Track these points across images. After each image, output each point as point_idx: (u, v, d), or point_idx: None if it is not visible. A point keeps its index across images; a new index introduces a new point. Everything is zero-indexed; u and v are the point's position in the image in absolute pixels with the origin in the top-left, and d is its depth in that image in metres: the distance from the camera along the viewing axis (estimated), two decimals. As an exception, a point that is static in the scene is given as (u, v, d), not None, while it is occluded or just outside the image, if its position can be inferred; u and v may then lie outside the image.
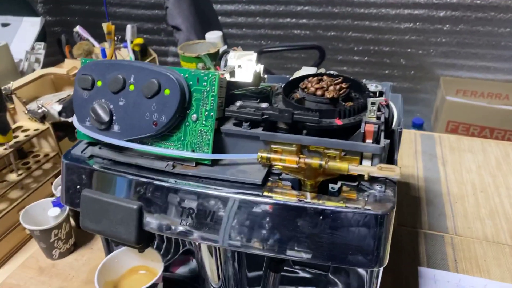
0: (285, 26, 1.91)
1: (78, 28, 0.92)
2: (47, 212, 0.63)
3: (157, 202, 0.42)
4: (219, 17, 1.62)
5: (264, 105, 0.43)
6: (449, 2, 1.63)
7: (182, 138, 0.42)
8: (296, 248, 0.39)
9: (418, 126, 1.77)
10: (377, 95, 0.46)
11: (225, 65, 0.45)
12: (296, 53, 1.95)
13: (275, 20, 1.90)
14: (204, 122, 0.42)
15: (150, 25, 2.10)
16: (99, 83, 0.44)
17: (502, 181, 0.79)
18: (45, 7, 2.22)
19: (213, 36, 0.75)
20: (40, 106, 0.73)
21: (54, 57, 1.24)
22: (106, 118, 0.43)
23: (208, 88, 0.41)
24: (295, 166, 0.39)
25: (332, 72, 0.46)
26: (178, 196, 0.41)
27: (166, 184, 0.41)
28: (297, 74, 0.53)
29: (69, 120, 0.74)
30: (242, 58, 0.44)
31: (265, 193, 0.39)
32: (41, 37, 1.07)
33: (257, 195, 0.39)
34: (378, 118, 0.40)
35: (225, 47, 0.68)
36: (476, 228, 0.68)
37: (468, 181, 0.79)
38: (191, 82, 0.42)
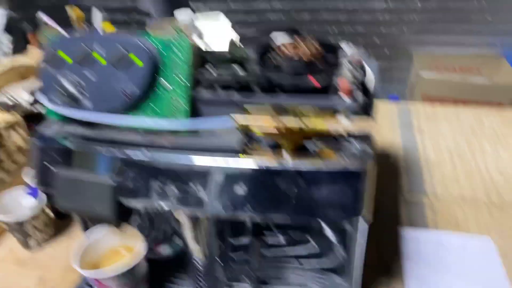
0: (259, 11, 1.89)
1: (41, 15, 0.88)
2: (21, 202, 0.61)
3: (134, 175, 0.41)
4: (190, 3, 1.59)
5: (239, 69, 0.42)
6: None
7: (156, 108, 0.41)
8: (279, 211, 0.39)
9: (394, 104, 1.80)
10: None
11: (195, 31, 0.44)
12: (271, 38, 1.94)
13: (249, 5, 1.89)
14: (177, 90, 0.41)
15: (121, 17, 2.06)
16: (67, 58, 0.43)
17: (477, 145, 0.81)
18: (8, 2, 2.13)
19: (184, 17, 0.73)
20: (10, 97, 0.70)
21: (20, 53, 1.20)
22: (76, 93, 0.42)
23: (180, 56, 0.40)
24: (273, 128, 0.39)
25: (304, 32, 0.46)
26: (155, 168, 0.40)
27: (142, 157, 0.41)
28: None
29: (41, 110, 0.72)
30: (210, 20, 0.43)
31: (244, 158, 0.39)
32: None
33: (236, 160, 0.39)
34: (353, 76, 0.40)
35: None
36: (454, 189, 0.70)
37: (445, 148, 0.81)
38: (162, 51, 0.41)
